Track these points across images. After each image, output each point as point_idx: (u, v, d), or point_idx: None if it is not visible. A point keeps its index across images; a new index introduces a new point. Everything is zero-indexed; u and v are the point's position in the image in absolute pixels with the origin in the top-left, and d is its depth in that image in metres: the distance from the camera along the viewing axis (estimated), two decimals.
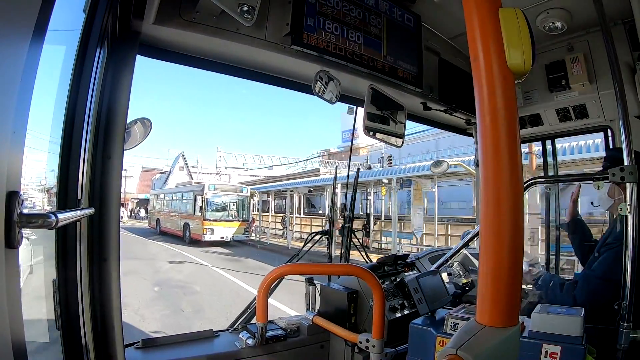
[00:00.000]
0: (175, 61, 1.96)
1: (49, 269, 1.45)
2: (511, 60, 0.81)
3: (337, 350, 2.30)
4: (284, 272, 2.05)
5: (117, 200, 1.59)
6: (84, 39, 1.33)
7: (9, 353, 0.70)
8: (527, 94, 2.88)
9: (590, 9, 1.92)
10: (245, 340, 2.11)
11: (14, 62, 0.71)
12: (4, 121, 0.69)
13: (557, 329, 1.55)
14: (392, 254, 2.78)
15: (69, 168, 1.34)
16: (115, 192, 1.58)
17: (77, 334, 1.41)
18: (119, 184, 1.60)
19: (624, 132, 1.75)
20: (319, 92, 2.12)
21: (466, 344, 0.76)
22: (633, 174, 1.70)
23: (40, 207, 4.03)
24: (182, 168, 37.24)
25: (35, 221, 0.78)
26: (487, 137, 0.83)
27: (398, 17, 2.33)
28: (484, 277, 0.83)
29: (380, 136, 2.47)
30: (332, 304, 2.38)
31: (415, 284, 1.99)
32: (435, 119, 3.13)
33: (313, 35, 1.93)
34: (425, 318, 1.98)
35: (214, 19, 1.75)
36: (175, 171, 36.35)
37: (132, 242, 20.36)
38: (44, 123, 1.58)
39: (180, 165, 37.28)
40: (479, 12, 0.84)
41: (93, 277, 1.52)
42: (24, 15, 0.73)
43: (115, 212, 1.58)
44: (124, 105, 1.60)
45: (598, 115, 2.67)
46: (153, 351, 2.00)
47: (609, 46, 1.80)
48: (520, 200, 0.83)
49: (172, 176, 35.16)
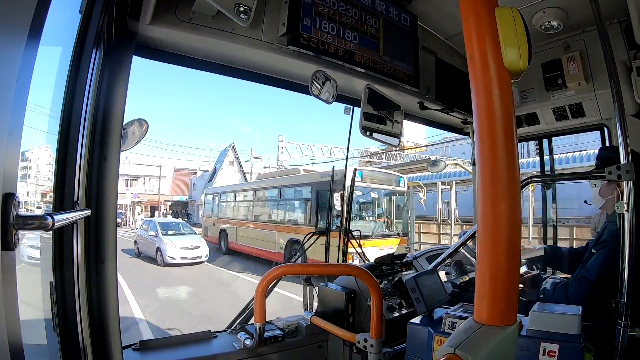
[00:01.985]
0: (172, 62, 1.95)
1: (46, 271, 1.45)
2: (507, 60, 0.82)
3: (335, 350, 2.30)
4: (282, 272, 2.04)
5: (114, 201, 1.58)
6: (80, 39, 1.32)
7: (6, 355, 0.70)
8: (524, 93, 2.89)
9: (586, 8, 1.92)
10: (243, 341, 2.10)
11: (9, 63, 0.71)
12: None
13: (555, 327, 1.56)
14: (389, 254, 2.78)
15: (65, 169, 1.34)
16: (112, 194, 1.58)
17: (74, 336, 1.40)
18: (115, 185, 1.59)
19: (620, 130, 1.76)
20: (316, 92, 2.12)
21: (464, 343, 0.76)
22: (630, 172, 1.70)
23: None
24: (232, 163, 33.13)
25: (31, 223, 0.78)
26: (484, 136, 0.83)
27: (394, 17, 2.33)
28: (482, 275, 0.83)
29: (377, 136, 2.47)
30: (330, 304, 2.37)
31: (413, 283, 1.99)
32: (432, 118, 3.13)
33: (309, 36, 1.93)
34: (423, 317, 1.98)
35: (210, 19, 1.74)
36: (225, 167, 31.26)
37: (188, 273, 12.95)
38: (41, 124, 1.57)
39: (230, 159, 32.86)
40: (476, 12, 0.84)
41: (90, 279, 1.51)
42: (19, 16, 0.73)
43: (112, 214, 1.58)
44: (121, 106, 1.59)
45: (594, 114, 2.68)
46: (151, 353, 1.99)
47: (605, 45, 1.80)
48: (517, 199, 0.83)
49: (220, 173, 29.49)
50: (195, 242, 15.06)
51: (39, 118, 1.55)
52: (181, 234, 15.75)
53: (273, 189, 15.39)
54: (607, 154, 2.18)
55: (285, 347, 2.22)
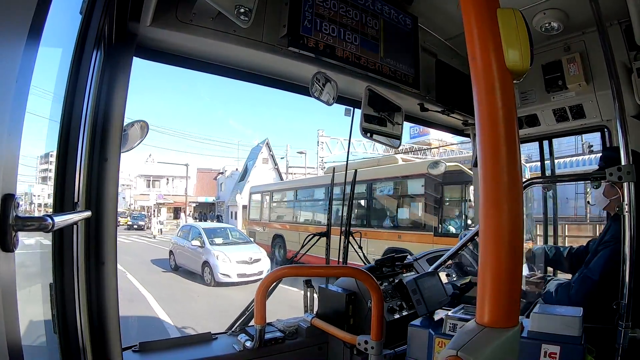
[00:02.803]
0: (172, 63, 1.95)
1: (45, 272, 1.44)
2: (509, 61, 0.81)
3: (335, 352, 2.29)
4: (282, 274, 2.04)
5: (114, 202, 1.58)
6: (81, 40, 1.32)
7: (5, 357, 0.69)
8: (524, 95, 2.89)
9: (586, 9, 1.92)
10: (243, 343, 2.10)
11: (9, 63, 0.71)
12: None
13: (556, 329, 1.55)
14: (389, 255, 2.77)
15: (65, 170, 1.33)
16: (112, 195, 1.58)
17: (74, 338, 1.40)
18: (116, 187, 1.59)
19: (621, 131, 1.76)
20: (316, 93, 2.12)
21: (466, 345, 0.76)
22: (630, 174, 1.70)
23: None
24: (266, 160, 29.87)
25: (31, 224, 0.77)
26: (486, 137, 0.83)
27: (395, 19, 2.33)
28: (484, 277, 0.82)
29: (378, 138, 2.47)
30: (331, 306, 2.37)
31: (414, 285, 1.99)
32: (433, 120, 3.14)
33: (310, 37, 1.93)
34: (423, 319, 1.97)
35: (211, 20, 1.74)
36: (258, 164, 28.54)
37: (245, 294, 8.97)
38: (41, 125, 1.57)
39: (264, 156, 29.76)
40: (477, 13, 0.84)
41: (90, 281, 1.50)
42: (19, 17, 0.72)
43: (112, 215, 1.57)
44: (121, 108, 1.59)
45: (595, 115, 2.68)
46: (151, 355, 1.99)
47: (605, 46, 1.80)
48: (519, 200, 0.83)
49: (254, 171, 27.21)
50: (254, 253, 11.94)
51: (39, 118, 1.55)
52: (233, 243, 12.63)
53: (360, 184, 11.40)
54: (610, 154, 2.18)
55: (286, 349, 2.21)
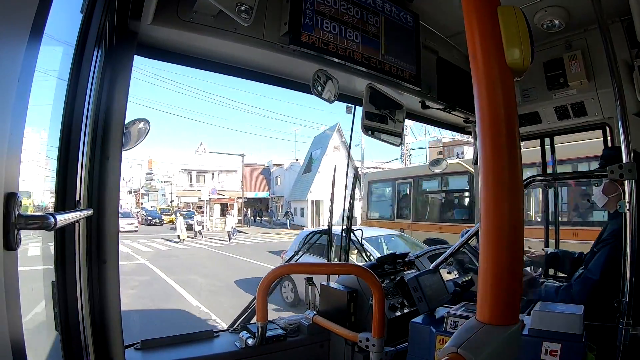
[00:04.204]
0: (174, 61, 1.95)
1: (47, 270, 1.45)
2: (510, 58, 0.81)
3: (337, 350, 2.29)
4: (284, 271, 2.04)
5: (116, 201, 1.59)
6: (82, 39, 1.32)
7: (8, 355, 0.70)
8: (525, 92, 2.89)
9: (588, 6, 1.92)
10: (245, 340, 2.10)
11: (11, 63, 0.71)
12: (1, 123, 0.69)
13: (557, 327, 1.55)
14: (391, 253, 2.78)
15: (67, 169, 1.33)
16: (114, 193, 1.58)
17: (76, 336, 1.40)
18: (117, 185, 1.59)
19: (622, 129, 1.76)
20: (318, 91, 2.12)
21: (467, 343, 0.76)
22: (632, 172, 1.70)
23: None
24: (337, 148, 26.73)
25: (33, 222, 0.77)
26: (487, 135, 0.83)
27: (396, 16, 2.33)
28: (484, 275, 0.83)
29: (379, 135, 2.47)
30: (332, 303, 2.37)
31: (415, 282, 1.99)
32: (434, 117, 3.13)
33: (311, 35, 1.92)
34: (425, 316, 1.97)
35: (212, 19, 1.74)
36: (329, 153, 25.88)
37: None
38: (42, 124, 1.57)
39: (335, 144, 26.81)
40: (478, 11, 0.84)
41: (92, 279, 1.51)
42: (20, 16, 0.73)
43: (114, 213, 1.58)
44: (122, 106, 1.60)
45: (596, 113, 2.68)
46: (153, 352, 1.99)
47: (607, 44, 1.80)
48: (520, 198, 0.83)
49: (324, 160, 24.70)
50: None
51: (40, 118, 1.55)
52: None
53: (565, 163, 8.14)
54: (611, 152, 2.17)
55: (287, 347, 2.22)
